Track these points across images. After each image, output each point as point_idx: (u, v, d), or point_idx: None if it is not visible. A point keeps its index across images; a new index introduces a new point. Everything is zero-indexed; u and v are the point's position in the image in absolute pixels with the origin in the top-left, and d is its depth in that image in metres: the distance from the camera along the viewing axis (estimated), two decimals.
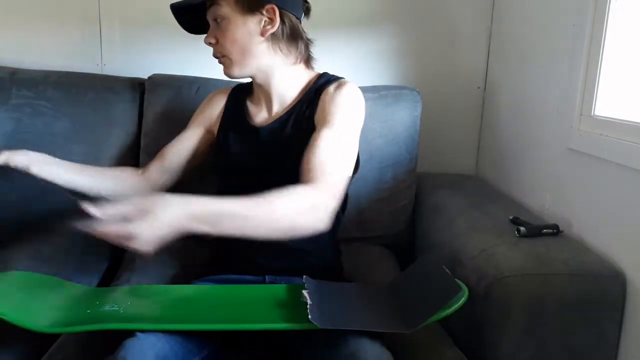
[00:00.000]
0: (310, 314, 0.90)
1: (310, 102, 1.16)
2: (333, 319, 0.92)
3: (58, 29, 1.73)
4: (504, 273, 1.05)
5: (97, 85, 1.58)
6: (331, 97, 1.13)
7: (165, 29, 1.73)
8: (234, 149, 1.22)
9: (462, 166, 1.86)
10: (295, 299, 1.00)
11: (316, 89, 1.18)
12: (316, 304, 0.94)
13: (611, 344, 1.06)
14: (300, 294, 0.98)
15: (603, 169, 1.15)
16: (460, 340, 1.12)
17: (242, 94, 1.28)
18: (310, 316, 0.89)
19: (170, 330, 0.93)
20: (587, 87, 1.23)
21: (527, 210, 1.41)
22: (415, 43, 1.78)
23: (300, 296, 0.97)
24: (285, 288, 1.07)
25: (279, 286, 1.09)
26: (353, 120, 1.13)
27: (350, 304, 1.02)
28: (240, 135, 1.22)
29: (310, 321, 0.88)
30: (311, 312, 0.90)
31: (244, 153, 1.20)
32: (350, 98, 1.14)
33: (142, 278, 1.28)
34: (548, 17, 1.43)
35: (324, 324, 0.89)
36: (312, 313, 0.90)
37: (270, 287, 1.09)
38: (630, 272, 1.06)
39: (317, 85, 1.18)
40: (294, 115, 1.17)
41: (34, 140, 1.54)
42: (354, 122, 1.13)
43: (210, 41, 1.15)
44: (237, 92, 1.30)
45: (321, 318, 0.90)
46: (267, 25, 1.12)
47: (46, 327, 0.91)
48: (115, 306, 0.99)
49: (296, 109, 1.18)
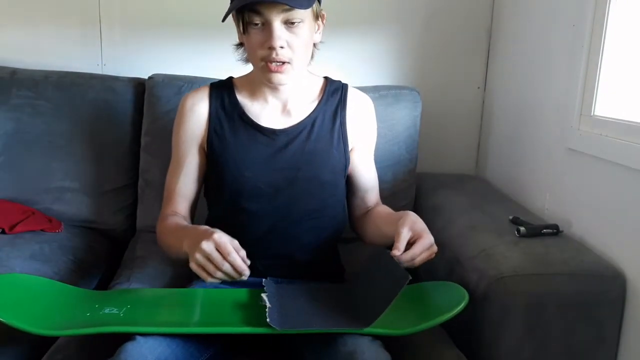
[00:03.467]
0: (268, 317, 0.90)
1: (334, 114, 1.17)
2: (293, 321, 0.92)
3: (58, 29, 1.73)
4: (503, 273, 1.05)
5: (97, 85, 1.58)
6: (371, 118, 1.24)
7: (165, 29, 1.73)
8: (242, 152, 1.13)
9: (462, 166, 1.86)
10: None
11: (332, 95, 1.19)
12: (276, 306, 0.94)
13: (611, 344, 1.07)
14: (259, 298, 0.98)
15: (603, 169, 1.15)
16: (460, 340, 1.11)
17: (226, 92, 1.18)
18: (268, 319, 0.89)
19: (170, 333, 0.93)
20: (587, 87, 1.23)
21: (527, 210, 1.41)
22: (415, 43, 1.78)
23: (259, 299, 0.97)
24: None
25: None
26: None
27: (311, 304, 1.01)
28: (247, 136, 1.14)
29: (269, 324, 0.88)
30: (269, 315, 0.91)
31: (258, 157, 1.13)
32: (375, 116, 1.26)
33: (142, 277, 1.28)
34: (548, 17, 1.43)
35: (283, 326, 0.89)
36: (271, 316, 0.91)
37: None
38: (630, 272, 1.06)
39: (330, 92, 1.19)
40: (317, 123, 1.16)
41: (34, 140, 1.54)
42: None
43: (282, 45, 1.04)
44: (218, 91, 1.18)
45: (280, 320, 0.90)
46: (317, 31, 1.12)
47: (46, 330, 0.91)
48: (114, 309, 0.99)
49: (319, 117, 1.16)
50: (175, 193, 1.17)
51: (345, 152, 1.17)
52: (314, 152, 1.14)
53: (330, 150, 1.15)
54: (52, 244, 1.38)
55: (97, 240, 1.52)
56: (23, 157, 1.54)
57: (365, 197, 1.23)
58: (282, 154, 1.13)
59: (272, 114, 1.15)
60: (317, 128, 1.15)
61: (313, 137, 1.14)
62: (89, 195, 1.55)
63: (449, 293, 1.04)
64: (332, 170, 1.16)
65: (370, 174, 1.24)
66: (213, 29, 1.70)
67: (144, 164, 1.56)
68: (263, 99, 1.16)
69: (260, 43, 1.04)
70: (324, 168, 1.14)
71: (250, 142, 1.14)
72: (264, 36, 1.04)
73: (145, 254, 1.40)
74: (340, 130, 1.17)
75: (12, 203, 1.50)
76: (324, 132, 1.16)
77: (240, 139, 1.14)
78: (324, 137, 1.15)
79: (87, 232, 1.53)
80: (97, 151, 1.56)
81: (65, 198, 1.54)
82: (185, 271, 1.28)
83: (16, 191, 1.52)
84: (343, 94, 1.19)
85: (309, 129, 1.15)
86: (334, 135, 1.16)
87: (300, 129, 1.14)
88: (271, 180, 1.12)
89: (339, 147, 1.16)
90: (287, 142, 1.13)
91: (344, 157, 1.17)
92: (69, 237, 1.45)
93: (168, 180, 1.20)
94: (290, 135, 1.14)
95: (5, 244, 1.32)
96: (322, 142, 1.15)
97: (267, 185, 1.11)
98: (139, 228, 1.56)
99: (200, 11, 1.71)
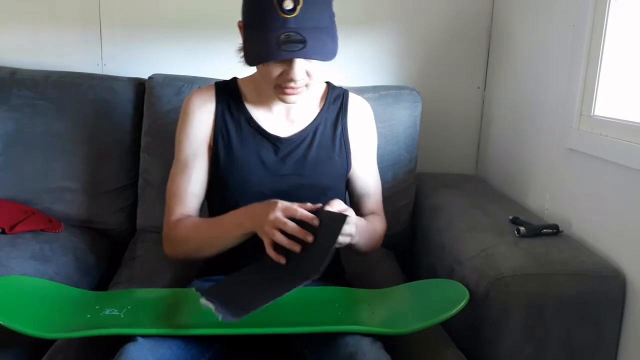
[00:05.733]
0: (222, 317, 0.88)
1: (335, 121, 1.19)
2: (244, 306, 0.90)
3: (58, 29, 1.73)
4: (503, 273, 1.05)
5: (97, 85, 1.58)
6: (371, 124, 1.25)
7: (165, 29, 1.73)
8: (248, 157, 1.14)
9: (462, 166, 1.86)
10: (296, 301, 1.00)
11: (333, 102, 1.20)
12: (220, 303, 0.92)
13: (611, 344, 1.07)
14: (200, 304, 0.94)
15: (603, 169, 1.15)
16: (460, 340, 1.12)
17: (231, 95, 1.17)
18: (221, 317, 0.87)
19: (171, 335, 0.92)
20: (587, 87, 1.23)
21: (527, 210, 1.41)
22: (415, 43, 1.78)
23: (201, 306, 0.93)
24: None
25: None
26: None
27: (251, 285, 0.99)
28: (253, 142, 1.14)
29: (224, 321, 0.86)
30: (221, 313, 0.88)
31: (263, 162, 1.14)
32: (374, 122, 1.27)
33: (142, 277, 1.28)
34: (548, 17, 1.43)
35: (239, 316, 0.87)
36: (222, 313, 0.88)
37: None
38: (630, 272, 1.06)
39: (332, 99, 1.20)
40: (320, 130, 1.17)
41: (34, 140, 1.54)
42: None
43: (304, 77, 1.03)
44: (223, 92, 1.17)
45: (233, 312, 0.88)
46: None
47: (46, 332, 0.91)
48: (115, 310, 0.99)
49: (321, 124, 1.18)
50: (187, 193, 1.14)
51: (347, 158, 1.20)
52: (317, 159, 1.16)
53: (332, 157, 1.17)
54: (52, 244, 1.38)
55: (97, 240, 1.52)
56: (23, 157, 1.54)
57: (361, 202, 1.24)
58: (286, 161, 1.14)
59: (277, 120, 1.16)
60: (319, 136, 1.17)
61: (315, 145, 1.16)
62: (89, 195, 1.55)
63: (449, 291, 1.04)
64: (333, 177, 1.18)
65: (369, 179, 1.25)
66: (213, 29, 1.71)
67: (144, 164, 1.56)
68: (267, 106, 1.16)
69: (279, 73, 1.03)
70: (326, 175, 1.17)
71: (255, 147, 1.14)
72: (282, 67, 1.02)
73: (145, 254, 1.41)
74: (341, 137, 1.19)
75: (12, 203, 1.50)
76: (325, 140, 1.17)
77: (246, 144, 1.14)
78: (326, 145, 1.17)
79: (87, 232, 1.53)
80: (97, 151, 1.56)
81: (65, 198, 1.54)
82: (186, 272, 1.29)
83: (16, 191, 1.52)
84: (344, 101, 1.21)
85: (311, 137, 1.17)
86: (336, 142, 1.18)
87: (304, 137, 1.16)
88: (275, 186, 1.13)
89: (341, 154, 1.19)
90: (291, 149, 1.15)
91: (345, 162, 1.20)
92: (69, 237, 1.45)
93: (175, 181, 1.16)
94: (294, 142, 1.16)
95: (5, 244, 1.32)
96: (324, 149, 1.17)
97: (270, 191, 1.12)
98: (139, 228, 1.56)
99: (200, 11, 1.71)
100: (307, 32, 0.97)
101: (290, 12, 0.97)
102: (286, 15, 0.97)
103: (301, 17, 0.98)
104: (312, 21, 0.99)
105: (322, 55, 1.00)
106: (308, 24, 0.98)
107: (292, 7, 0.97)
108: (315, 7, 0.99)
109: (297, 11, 0.97)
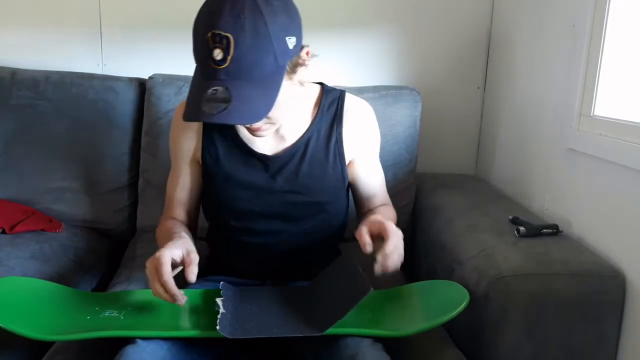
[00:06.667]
0: (219, 325, 0.89)
1: (329, 131, 1.10)
2: (245, 328, 0.91)
3: (58, 29, 1.73)
4: (503, 273, 1.05)
5: (97, 85, 1.58)
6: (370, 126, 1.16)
7: (165, 29, 1.73)
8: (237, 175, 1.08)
9: (462, 166, 1.86)
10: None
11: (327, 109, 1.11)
12: (230, 312, 0.93)
13: (611, 344, 1.07)
14: (214, 303, 0.96)
15: (603, 169, 1.15)
16: (460, 340, 1.12)
17: None
18: (218, 327, 0.88)
19: (171, 337, 0.92)
20: (587, 87, 1.23)
21: (527, 210, 1.41)
22: (415, 43, 1.78)
23: (214, 305, 0.96)
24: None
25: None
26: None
27: (268, 309, 1.00)
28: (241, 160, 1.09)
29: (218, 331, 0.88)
30: (220, 322, 0.89)
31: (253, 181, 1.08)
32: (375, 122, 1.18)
33: (142, 277, 1.28)
34: (547, 17, 1.43)
35: (234, 334, 0.88)
36: (222, 323, 0.89)
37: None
38: (630, 272, 1.06)
39: (325, 106, 1.11)
40: (311, 144, 1.09)
41: (34, 140, 1.54)
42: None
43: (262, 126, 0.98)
44: None
45: (231, 327, 0.90)
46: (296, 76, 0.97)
47: (46, 334, 0.91)
48: (114, 312, 0.99)
49: (313, 137, 1.09)
50: (173, 200, 1.16)
51: (343, 169, 1.12)
52: (309, 175, 1.08)
53: (325, 170, 1.10)
54: (52, 243, 1.38)
55: (97, 240, 1.52)
56: (23, 157, 1.54)
57: (370, 202, 1.20)
58: (276, 178, 1.08)
59: (265, 138, 1.07)
60: (311, 149, 1.09)
61: (307, 159, 1.09)
62: (89, 195, 1.55)
63: (449, 293, 1.04)
64: (329, 191, 1.12)
65: (374, 180, 1.19)
66: None
67: (144, 164, 1.56)
68: None
69: None
70: (320, 190, 1.10)
71: (244, 165, 1.09)
72: None
73: (145, 254, 1.39)
74: (335, 148, 1.10)
75: (12, 203, 1.50)
76: (318, 153, 1.10)
77: (234, 162, 1.09)
78: (319, 158, 1.10)
79: (87, 232, 1.53)
80: (97, 151, 1.56)
81: (65, 198, 1.54)
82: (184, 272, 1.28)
83: (16, 191, 1.52)
84: (339, 107, 1.11)
85: (302, 151, 1.09)
86: (329, 154, 1.10)
87: (294, 152, 1.08)
88: (267, 204, 1.08)
89: (335, 166, 1.11)
90: (281, 166, 1.08)
91: (340, 174, 1.12)
92: (69, 237, 1.46)
93: (168, 185, 1.18)
94: (284, 159, 1.08)
95: (5, 243, 1.32)
96: (316, 163, 1.09)
97: (262, 209, 1.09)
98: (139, 228, 1.56)
99: None
100: (237, 88, 0.86)
101: (220, 63, 0.85)
102: (216, 66, 0.86)
103: (232, 68, 0.85)
104: (246, 72, 0.87)
105: (246, 119, 0.88)
106: (241, 75, 0.86)
107: (222, 57, 0.85)
108: (254, 53, 0.86)
109: (227, 62, 0.85)
